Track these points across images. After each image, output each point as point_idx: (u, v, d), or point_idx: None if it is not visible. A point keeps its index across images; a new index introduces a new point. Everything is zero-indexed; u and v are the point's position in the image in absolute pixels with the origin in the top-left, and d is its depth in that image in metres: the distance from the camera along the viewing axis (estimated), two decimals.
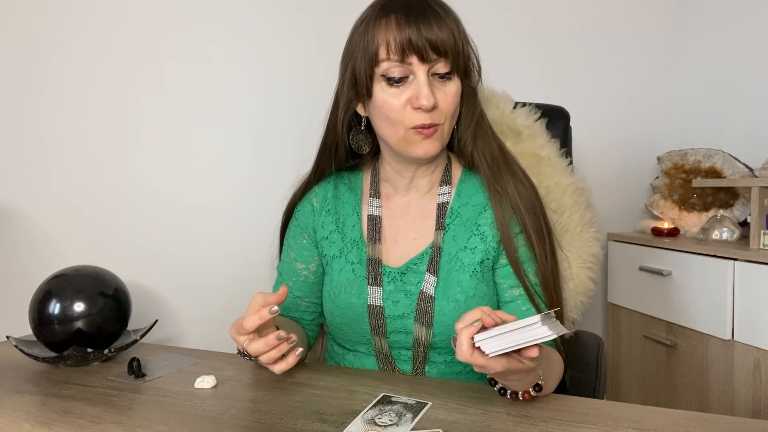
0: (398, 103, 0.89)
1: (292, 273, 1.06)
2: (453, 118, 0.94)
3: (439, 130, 0.91)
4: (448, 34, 0.88)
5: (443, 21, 0.88)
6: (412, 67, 0.88)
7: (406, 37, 0.86)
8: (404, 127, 0.90)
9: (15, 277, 1.28)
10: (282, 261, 1.09)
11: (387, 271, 0.98)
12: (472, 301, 0.94)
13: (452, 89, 0.91)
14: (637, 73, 1.93)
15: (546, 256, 0.95)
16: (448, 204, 1.00)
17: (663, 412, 0.78)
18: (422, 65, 0.88)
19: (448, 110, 0.91)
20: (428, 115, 0.89)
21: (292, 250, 1.07)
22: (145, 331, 1.11)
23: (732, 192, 1.71)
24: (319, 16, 1.51)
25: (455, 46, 0.89)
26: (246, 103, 1.47)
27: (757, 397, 1.34)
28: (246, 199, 1.47)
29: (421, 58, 0.87)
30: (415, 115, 0.89)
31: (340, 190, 1.06)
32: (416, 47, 0.86)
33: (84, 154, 1.33)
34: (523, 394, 0.79)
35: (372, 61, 0.90)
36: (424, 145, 0.91)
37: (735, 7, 1.81)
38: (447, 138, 0.95)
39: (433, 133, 0.90)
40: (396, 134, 0.92)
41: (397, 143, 0.93)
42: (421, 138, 0.90)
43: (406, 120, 0.90)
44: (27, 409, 0.81)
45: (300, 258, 1.06)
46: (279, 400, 0.82)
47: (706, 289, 1.45)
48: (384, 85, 0.90)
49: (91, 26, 1.32)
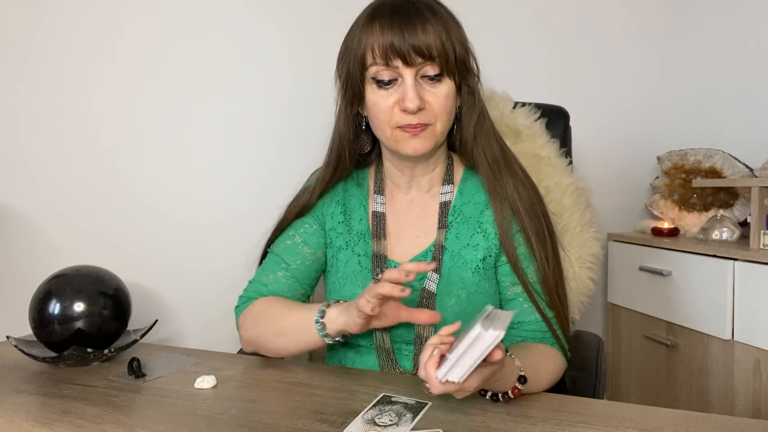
0: (386, 105, 0.91)
1: (297, 255, 1.04)
2: (446, 118, 0.94)
3: (429, 129, 0.92)
4: (434, 38, 0.88)
5: (429, 24, 0.89)
6: (399, 71, 0.90)
7: (389, 42, 0.88)
8: (391, 127, 0.92)
9: (15, 277, 1.28)
10: (278, 243, 1.06)
11: (392, 267, 0.98)
12: (474, 297, 0.95)
13: (443, 91, 0.92)
14: (637, 73, 1.93)
15: (547, 258, 0.95)
16: (450, 202, 1.01)
17: (663, 412, 0.78)
18: (408, 69, 0.89)
19: (439, 111, 0.92)
20: (415, 117, 0.90)
21: (298, 234, 1.05)
22: (145, 331, 1.11)
23: (732, 192, 1.71)
24: (319, 18, 1.51)
25: (443, 48, 0.89)
26: (246, 103, 1.47)
27: (757, 397, 1.34)
28: (246, 199, 1.47)
29: (405, 62, 0.89)
30: (402, 116, 0.91)
31: (348, 184, 1.07)
32: (399, 52, 0.88)
33: (84, 154, 1.33)
34: (512, 391, 0.80)
35: (361, 65, 0.92)
36: (413, 143, 0.92)
37: (735, 7, 1.81)
38: (441, 137, 0.95)
39: (421, 131, 0.91)
40: (385, 134, 0.94)
41: (388, 142, 0.95)
42: (408, 136, 0.91)
43: (392, 120, 0.91)
44: (27, 409, 0.81)
45: (309, 242, 1.04)
46: (279, 400, 0.82)
47: (706, 289, 1.45)
48: (374, 88, 0.92)
49: (92, 27, 1.32)
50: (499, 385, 0.79)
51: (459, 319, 0.92)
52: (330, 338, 0.90)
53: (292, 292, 1.04)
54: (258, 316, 0.99)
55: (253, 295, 1.03)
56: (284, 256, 1.04)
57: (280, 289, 1.03)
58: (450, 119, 0.95)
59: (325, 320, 0.89)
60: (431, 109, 0.91)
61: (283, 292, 1.03)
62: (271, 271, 1.04)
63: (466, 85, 0.97)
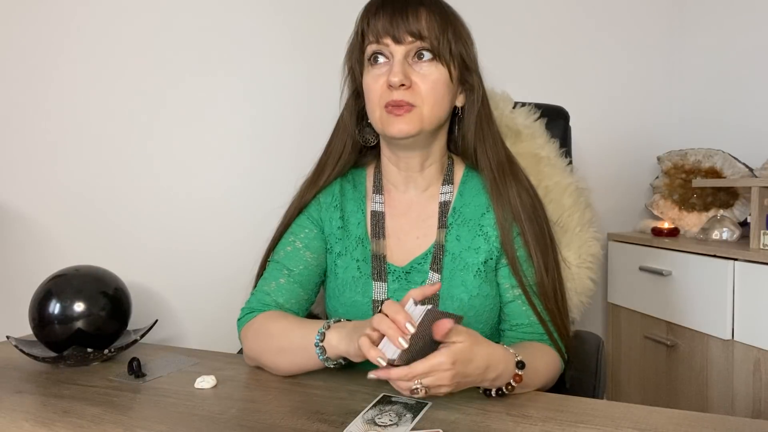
0: (377, 85, 0.92)
1: (299, 261, 1.01)
2: (433, 102, 0.92)
3: (415, 111, 0.91)
4: (426, 21, 0.90)
5: (423, 8, 0.91)
6: (390, 49, 0.91)
7: (380, 20, 0.91)
8: (380, 108, 0.92)
9: (15, 277, 1.28)
10: (278, 251, 1.03)
11: (392, 270, 0.98)
12: (475, 300, 0.94)
13: (432, 74, 0.92)
14: (637, 73, 1.93)
15: (546, 266, 0.95)
16: (450, 203, 1.01)
17: (663, 412, 0.78)
18: (397, 47, 0.91)
19: (426, 93, 0.91)
20: (400, 92, 0.90)
21: (298, 240, 1.02)
22: (145, 331, 1.11)
23: (732, 192, 1.71)
24: (321, 18, 1.51)
25: (434, 30, 0.91)
26: (245, 104, 1.47)
27: (757, 397, 1.34)
28: (246, 199, 1.47)
29: (394, 40, 0.91)
30: (388, 92, 0.91)
31: (345, 188, 1.06)
32: (388, 29, 0.91)
33: (84, 154, 1.33)
34: (514, 379, 0.80)
35: (360, 50, 0.96)
36: (398, 123, 0.91)
37: (735, 7, 1.81)
38: (428, 124, 0.93)
39: (405, 111, 0.90)
40: (375, 116, 0.94)
41: (377, 125, 0.95)
42: (393, 117, 0.91)
43: (381, 99, 0.92)
44: (27, 409, 0.81)
45: (310, 247, 1.02)
46: (279, 400, 0.82)
47: (706, 289, 1.45)
48: (368, 69, 0.94)
49: (91, 26, 1.32)
50: (500, 380, 0.79)
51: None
52: (331, 362, 0.86)
53: (296, 298, 1.00)
54: (259, 332, 0.95)
55: (256, 306, 0.98)
56: (286, 263, 1.00)
57: (284, 296, 0.98)
58: (440, 107, 0.94)
59: (325, 344, 0.85)
60: (417, 90, 0.91)
61: (287, 299, 0.99)
62: (273, 279, 1.00)
63: (467, 82, 0.97)
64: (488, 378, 0.78)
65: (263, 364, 0.95)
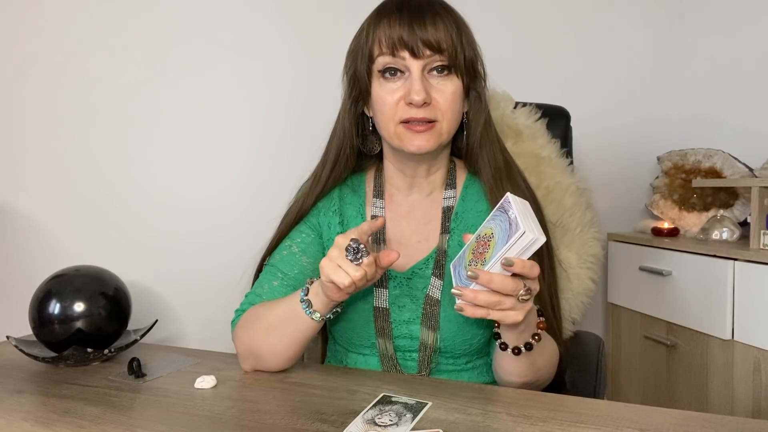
0: (392, 99, 0.90)
1: (295, 265, 0.99)
2: (452, 117, 0.92)
3: (435, 127, 0.91)
4: (444, 32, 0.88)
5: (439, 18, 0.88)
6: (405, 63, 0.89)
7: (398, 33, 0.88)
8: (395, 123, 0.91)
9: (15, 277, 1.28)
10: (274, 255, 1.02)
11: (393, 276, 0.97)
12: None
13: (450, 88, 0.91)
14: (638, 74, 1.93)
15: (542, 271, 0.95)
16: (452, 208, 1.00)
17: (663, 412, 0.78)
18: (415, 61, 0.88)
19: (445, 108, 0.90)
20: (420, 110, 0.89)
21: (294, 244, 1.01)
22: (145, 331, 1.11)
23: (732, 192, 1.71)
24: (322, 19, 1.51)
25: (452, 43, 0.88)
26: (246, 104, 1.47)
27: (757, 397, 1.34)
28: (246, 200, 1.47)
29: (412, 54, 0.88)
30: (407, 110, 0.89)
31: (344, 192, 1.05)
32: (407, 43, 0.87)
33: (84, 154, 1.33)
34: (538, 326, 0.82)
35: (369, 59, 0.91)
36: (417, 140, 0.90)
37: (735, 7, 1.81)
38: (446, 137, 0.93)
39: (426, 129, 0.90)
40: (389, 130, 0.92)
41: (391, 139, 0.93)
42: (412, 134, 0.90)
43: (397, 115, 0.90)
44: (27, 409, 0.81)
45: (307, 252, 1.01)
46: (279, 400, 0.82)
47: (706, 289, 1.45)
48: (381, 81, 0.91)
49: (89, 24, 1.32)
50: (528, 330, 0.81)
51: (464, 327, 0.92)
52: (320, 315, 0.85)
53: None
54: (246, 320, 0.94)
55: (248, 308, 0.98)
56: (281, 267, 0.99)
57: (275, 298, 0.96)
58: (456, 119, 0.94)
59: (310, 296, 0.84)
60: (437, 106, 0.90)
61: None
62: (267, 282, 0.99)
63: (474, 90, 0.96)
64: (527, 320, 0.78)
65: (257, 353, 0.92)
